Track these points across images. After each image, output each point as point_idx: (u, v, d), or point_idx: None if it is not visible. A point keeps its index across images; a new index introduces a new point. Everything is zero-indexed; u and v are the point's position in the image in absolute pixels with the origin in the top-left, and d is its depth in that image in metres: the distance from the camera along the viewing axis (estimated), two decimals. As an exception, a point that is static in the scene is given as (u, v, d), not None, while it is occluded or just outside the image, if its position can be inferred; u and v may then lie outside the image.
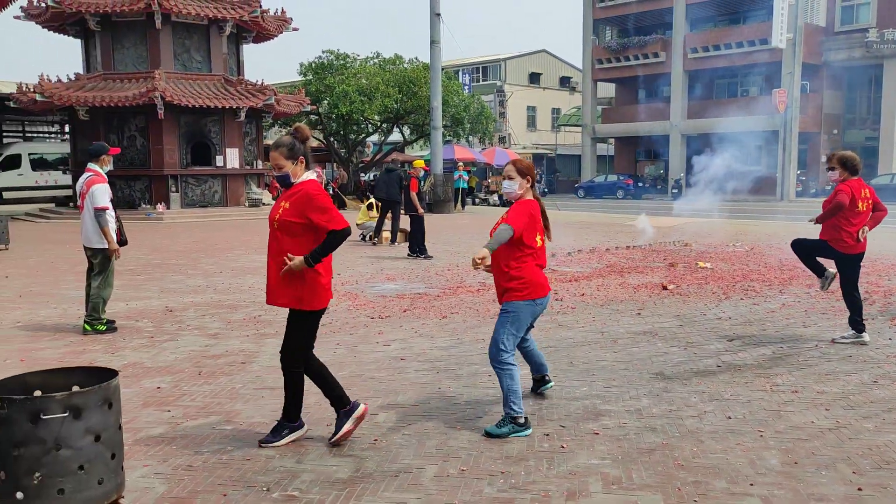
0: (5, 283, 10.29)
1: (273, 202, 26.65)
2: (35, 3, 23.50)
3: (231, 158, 24.56)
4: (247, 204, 25.01)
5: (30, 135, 41.41)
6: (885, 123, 34.63)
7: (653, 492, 3.54)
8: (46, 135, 43.17)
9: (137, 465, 3.91)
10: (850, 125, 37.62)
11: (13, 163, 31.52)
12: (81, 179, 6.96)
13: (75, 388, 3.43)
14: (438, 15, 25.88)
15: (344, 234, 4.00)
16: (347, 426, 4.16)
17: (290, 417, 4.23)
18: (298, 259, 3.94)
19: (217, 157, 24.48)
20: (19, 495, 3.08)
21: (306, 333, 4.12)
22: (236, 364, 5.93)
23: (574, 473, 3.76)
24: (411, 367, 5.77)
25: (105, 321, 7.14)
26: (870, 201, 6.34)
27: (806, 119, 35.66)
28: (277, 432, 4.20)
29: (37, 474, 3.08)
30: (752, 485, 3.60)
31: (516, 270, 4.35)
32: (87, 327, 7.02)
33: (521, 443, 4.18)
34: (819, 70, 36.52)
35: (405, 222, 14.07)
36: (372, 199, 15.94)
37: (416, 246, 12.88)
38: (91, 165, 6.98)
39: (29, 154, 32.18)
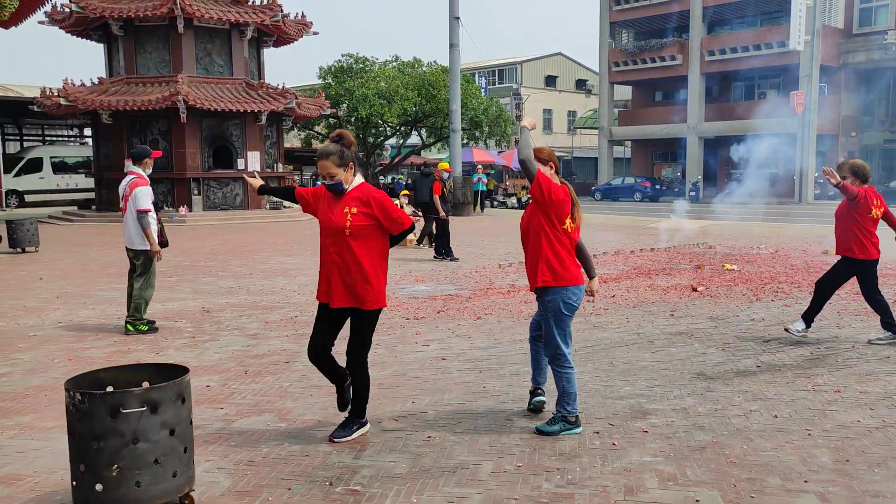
0: (41, 284, 10.47)
1: (294, 204, 26.86)
2: (59, 9, 23.82)
3: (252, 161, 24.75)
4: (268, 207, 25.19)
5: (49, 139, 41.92)
6: (905, 125, 34.41)
7: (709, 488, 3.60)
8: (66, 138, 43.67)
9: (200, 460, 4.01)
10: (868, 127, 37.41)
11: (35, 166, 31.96)
12: (124, 182, 7.11)
13: (145, 384, 3.55)
14: (458, 18, 25.98)
15: (411, 228, 4.26)
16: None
17: (360, 414, 4.35)
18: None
19: (238, 160, 24.68)
20: (98, 487, 3.19)
21: (372, 331, 4.29)
22: (280, 363, 6.03)
23: (629, 470, 3.83)
24: (453, 367, 5.85)
25: (146, 321, 7.27)
26: (881, 209, 6.44)
27: (824, 121, 35.50)
28: (348, 427, 4.30)
29: (115, 467, 3.19)
30: (806, 482, 3.66)
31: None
32: (130, 327, 7.15)
33: (572, 440, 4.25)
34: (837, 72, 36.35)
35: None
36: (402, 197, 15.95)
37: (443, 248, 12.98)
38: (134, 168, 7.12)
39: (50, 157, 32.64)
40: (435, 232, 13.55)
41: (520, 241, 4.60)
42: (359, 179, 4.21)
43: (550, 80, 54.75)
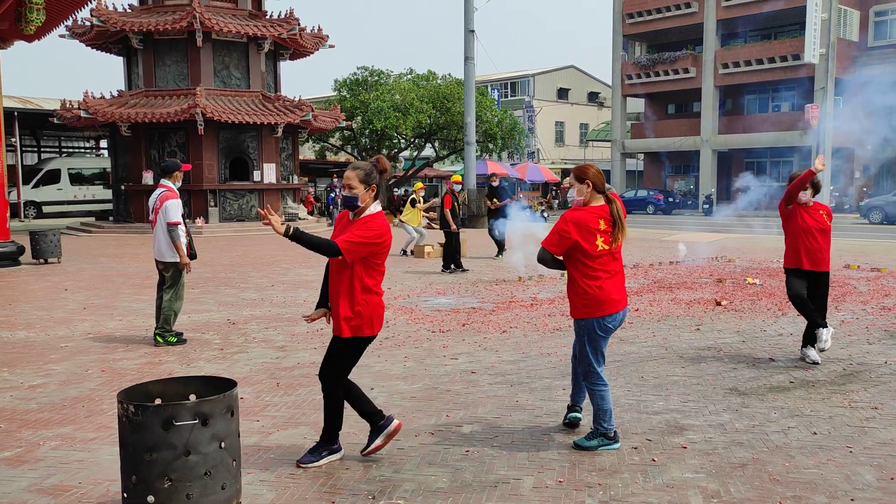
0: (66, 295, 10.55)
1: (308, 217, 26.99)
2: (80, 23, 24.11)
3: (268, 173, 24.92)
4: (283, 218, 25.28)
5: (66, 150, 42.32)
6: (921, 139, 34.25)
7: (754, 505, 3.59)
8: (83, 150, 44.08)
9: (242, 472, 4.03)
10: (884, 141, 37.22)
11: (53, 178, 32.25)
12: (155, 195, 7.17)
13: (192, 397, 3.58)
14: (472, 31, 26.11)
15: (335, 252, 3.96)
16: (378, 441, 4.22)
17: (330, 439, 4.23)
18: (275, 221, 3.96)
19: (254, 172, 24.85)
20: (150, 499, 3.22)
21: (346, 360, 4.18)
22: (311, 376, 6.05)
23: (671, 486, 3.82)
24: (484, 381, 5.86)
25: (175, 333, 7.31)
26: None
27: (839, 134, 35.37)
28: (316, 452, 4.19)
29: (167, 479, 3.21)
30: (852, 500, 3.64)
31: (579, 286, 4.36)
32: (159, 339, 7.20)
33: (611, 455, 4.25)
34: (852, 85, 36.24)
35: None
36: (413, 197, 15.90)
37: (450, 261, 13.03)
38: (164, 181, 7.18)
39: (68, 169, 32.93)
40: (444, 245, 13.53)
41: (536, 253, 4.55)
42: (376, 207, 4.15)
43: (563, 93, 54.85)
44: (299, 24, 25.03)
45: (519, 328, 7.94)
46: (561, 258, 4.41)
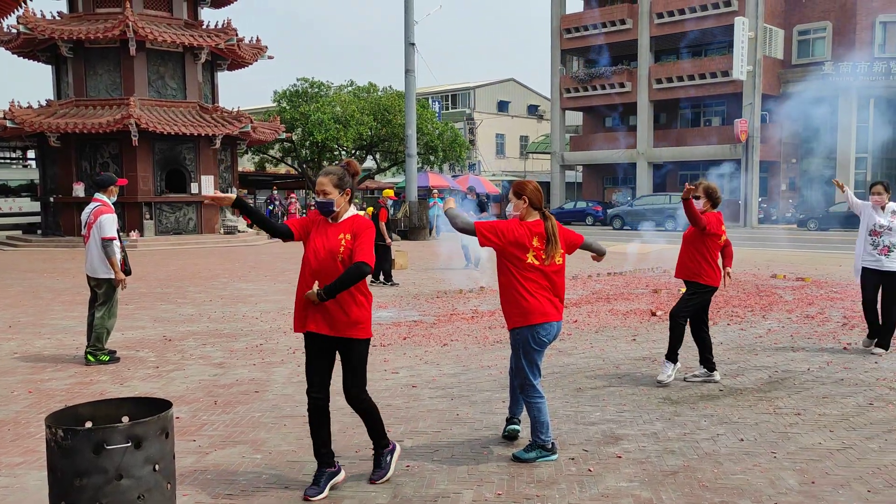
0: (-9, 312, 10.16)
1: (248, 229, 26.59)
2: (6, 30, 23.34)
3: (206, 185, 24.47)
4: (222, 231, 24.91)
5: (-10, 161, 40.71)
6: (842, 152, 35.83)
7: (684, 512, 3.71)
8: (8, 161, 42.46)
9: (177, 494, 3.96)
10: (807, 154, 38.84)
11: (-24, 189, 30.97)
12: (88, 209, 6.98)
13: (125, 419, 3.50)
14: (413, 44, 26.25)
15: (367, 271, 3.91)
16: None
17: (384, 443, 4.18)
18: (313, 291, 3.89)
19: (192, 184, 24.39)
20: (81, 525, 3.13)
21: (365, 361, 4.09)
22: (250, 393, 5.98)
23: (606, 496, 3.91)
24: (425, 395, 5.89)
25: (107, 352, 7.13)
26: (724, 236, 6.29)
27: (766, 148, 36.77)
28: (383, 466, 4.15)
29: (98, 504, 3.14)
30: (776, 504, 3.80)
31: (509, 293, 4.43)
32: (91, 358, 7.00)
33: (549, 467, 4.32)
34: (778, 101, 37.74)
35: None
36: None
37: (382, 274, 13.10)
38: (98, 195, 7.01)
39: (-7, 180, 31.68)
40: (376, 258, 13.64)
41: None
42: (353, 210, 4.15)
43: (503, 105, 55.53)
44: (237, 35, 24.76)
45: (460, 341, 7.99)
46: (472, 226, 4.43)
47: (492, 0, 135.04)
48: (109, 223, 6.83)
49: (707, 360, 6.26)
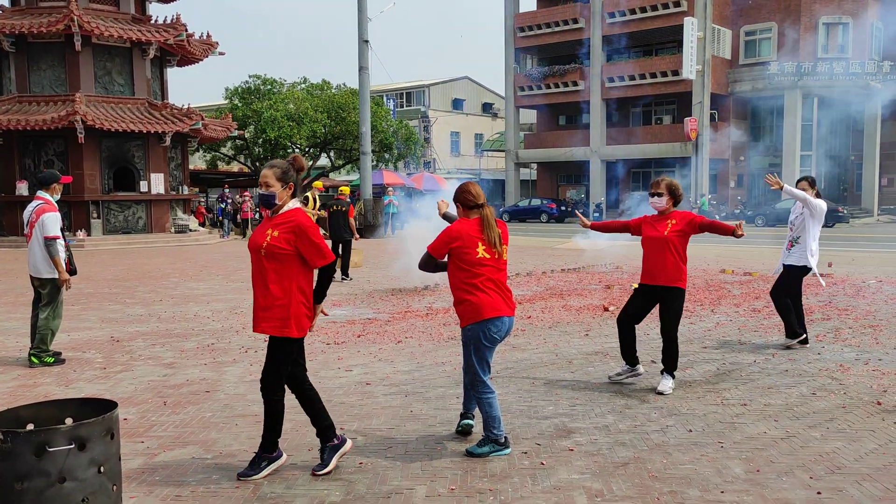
0: (-71, 315, 9.80)
1: (200, 228, 26.16)
2: (-56, 22, 22.53)
3: (156, 184, 24.01)
4: (173, 230, 24.45)
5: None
6: (787, 151, 36.81)
7: (634, 502, 3.77)
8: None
9: (124, 497, 3.87)
10: (754, 152, 39.81)
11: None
12: (30, 207, 6.78)
13: (69, 421, 3.42)
14: (367, 42, 26.13)
15: (333, 267, 4.15)
16: (334, 463, 4.20)
17: (269, 448, 4.18)
18: (318, 309, 4.21)
19: (141, 182, 23.88)
20: (22, 531, 3.05)
21: (285, 360, 4.09)
22: (201, 393, 5.89)
23: (558, 488, 3.96)
24: (379, 392, 5.87)
25: (52, 353, 6.94)
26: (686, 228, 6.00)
27: (715, 146, 37.57)
28: (256, 465, 4.14)
29: (40, 509, 3.05)
30: (723, 492, 3.88)
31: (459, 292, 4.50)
32: (35, 360, 6.81)
33: (502, 461, 4.35)
34: (726, 100, 38.60)
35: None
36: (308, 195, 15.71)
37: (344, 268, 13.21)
38: (41, 193, 6.81)
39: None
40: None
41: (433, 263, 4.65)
42: (294, 204, 4.14)
43: (458, 103, 55.64)
44: (186, 30, 24.31)
45: (414, 338, 7.99)
46: (444, 261, 4.56)
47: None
48: (52, 222, 6.64)
49: (629, 354, 6.06)
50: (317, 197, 15.72)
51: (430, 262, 4.58)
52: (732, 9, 38.63)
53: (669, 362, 5.84)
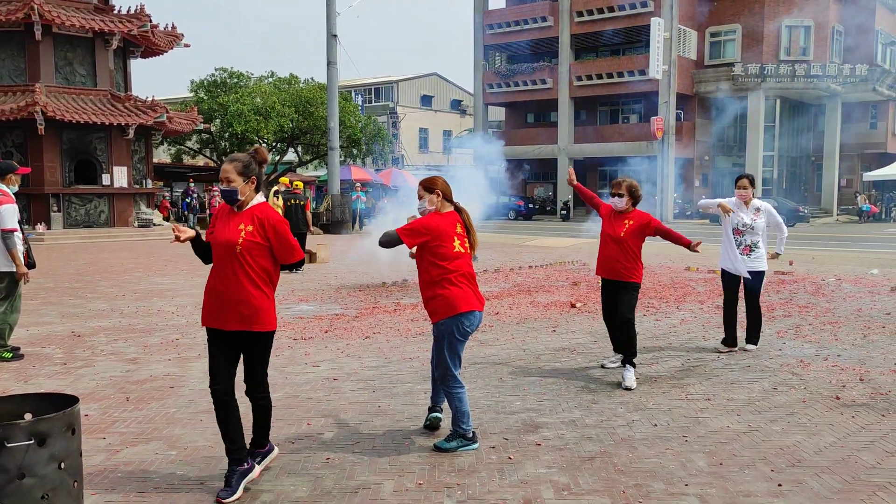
0: None
1: (164, 223, 25.75)
2: None
3: (119, 177, 23.60)
4: (136, 224, 24.05)
5: None
6: (750, 150, 37.42)
7: (601, 496, 3.80)
8: None
9: (85, 493, 3.80)
10: (719, 152, 40.39)
11: None
12: (-13, 199, 6.61)
13: (28, 416, 3.34)
14: (335, 36, 25.96)
15: (302, 262, 4.11)
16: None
17: (262, 444, 4.14)
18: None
19: (103, 175, 23.45)
20: (-21, 528, 2.98)
21: (268, 354, 4.04)
22: (165, 388, 5.80)
23: (525, 482, 3.97)
24: (346, 387, 5.84)
25: (10, 348, 6.79)
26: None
27: (681, 145, 38.04)
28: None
29: (-2, 506, 2.98)
30: (686, 485, 3.93)
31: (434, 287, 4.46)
32: (-8, 355, 6.64)
33: (470, 456, 4.36)
34: (691, 100, 39.10)
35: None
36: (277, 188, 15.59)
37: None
38: (-2, 185, 6.64)
39: None
40: None
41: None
42: (259, 198, 4.04)
43: (426, 100, 55.56)
44: (151, 21, 23.95)
45: (382, 334, 7.96)
46: (397, 238, 4.41)
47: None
48: (9, 214, 6.48)
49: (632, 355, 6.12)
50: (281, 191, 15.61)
51: (393, 244, 4.44)
52: (698, 10, 39.12)
53: (628, 348, 5.96)
